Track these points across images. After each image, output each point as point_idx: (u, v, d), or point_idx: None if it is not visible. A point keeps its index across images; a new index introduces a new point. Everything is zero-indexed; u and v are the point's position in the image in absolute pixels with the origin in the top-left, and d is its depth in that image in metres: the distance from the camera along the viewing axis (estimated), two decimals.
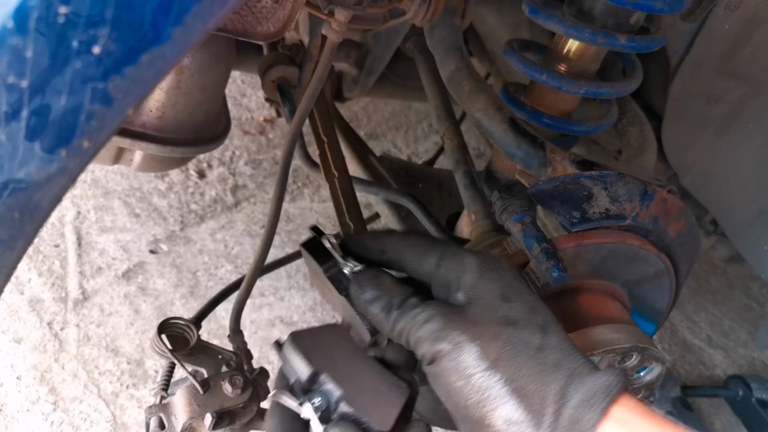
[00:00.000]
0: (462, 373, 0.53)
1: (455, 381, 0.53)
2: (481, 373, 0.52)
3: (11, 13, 0.31)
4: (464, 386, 0.52)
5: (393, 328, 0.57)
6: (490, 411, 0.51)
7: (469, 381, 0.52)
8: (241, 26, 0.73)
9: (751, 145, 1.02)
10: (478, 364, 0.52)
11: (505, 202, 0.75)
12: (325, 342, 0.61)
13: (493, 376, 0.52)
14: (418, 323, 0.55)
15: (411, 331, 0.56)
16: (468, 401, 0.52)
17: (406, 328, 0.56)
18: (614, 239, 0.74)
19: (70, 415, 1.37)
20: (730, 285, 2.08)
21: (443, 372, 0.54)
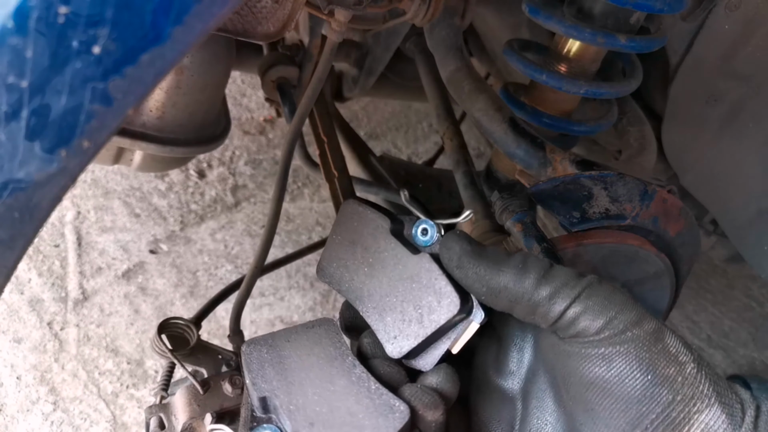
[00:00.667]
0: (674, 359, 0.43)
1: (665, 366, 0.43)
2: (694, 364, 0.43)
3: (11, 13, 0.31)
4: (676, 375, 0.43)
5: (537, 292, 0.46)
6: (696, 412, 0.42)
7: (682, 369, 0.43)
8: (241, 26, 0.73)
9: (751, 145, 1.02)
10: (686, 353, 0.44)
11: (505, 202, 0.75)
12: (295, 352, 0.50)
13: (701, 370, 0.43)
14: (584, 284, 0.45)
15: (577, 292, 0.45)
16: (676, 397, 0.42)
17: (564, 290, 0.45)
18: (614, 239, 0.74)
19: (70, 415, 1.37)
20: (730, 285, 2.08)
21: (643, 352, 0.43)
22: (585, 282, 0.46)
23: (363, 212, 0.54)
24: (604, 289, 0.46)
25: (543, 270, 0.47)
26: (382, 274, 0.52)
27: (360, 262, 0.53)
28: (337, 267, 0.55)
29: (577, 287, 0.45)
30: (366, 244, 0.53)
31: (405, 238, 0.53)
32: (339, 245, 0.55)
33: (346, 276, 0.54)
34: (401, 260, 0.51)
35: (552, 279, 0.46)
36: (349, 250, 0.54)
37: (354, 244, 0.54)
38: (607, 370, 0.44)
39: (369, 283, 0.53)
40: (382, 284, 0.52)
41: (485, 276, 0.47)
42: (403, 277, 0.51)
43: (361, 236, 0.53)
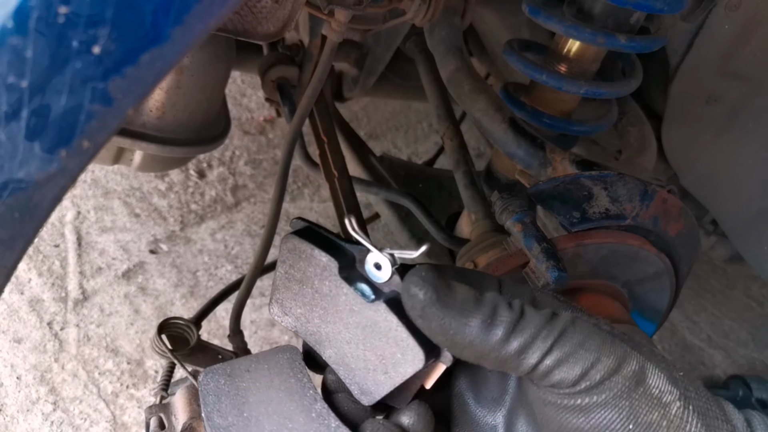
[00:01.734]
0: (657, 402, 0.41)
1: (647, 413, 0.40)
2: (679, 403, 0.41)
3: (11, 13, 0.31)
4: (660, 419, 0.40)
5: (504, 348, 0.41)
6: None
7: (667, 412, 0.41)
8: (241, 26, 0.73)
9: (751, 145, 1.02)
10: (671, 390, 0.41)
11: (505, 202, 0.75)
12: (254, 384, 0.48)
13: (688, 406, 0.41)
14: (558, 332, 0.41)
15: (549, 345, 0.41)
16: None
17: (535, 343, 0.41)
18: (614, 239, 0.74)
19: (70, 415, 1.37)
20: (730, 285, 2.08)
21: (624, 401, 0.40)
22: (558, 329, 0.42)
23: (305, 251, 0.47)
24: (580, 332, 0.42)
25: (512, 322, 0.41)
26: (338, 319, 0.47)
27: (313, 305, 0.49)
28: (291, 307, 0.50)
29: (549, 337, 0.41)
30: (315, 286, 0.48)
31: (358, 272, 0.47)
32: (287, 284, 0.50)
33: (302, 318, 0.50)
34: (355, 308, 0.46)
35: (522, 331, 0.41)
36: (299, 290, 0.49)
37: (303, 284, 0.49)
38: (586, 421, 0.41)
39: (326, 328, 0.48)
40: (339, 330, 0.47)
41: (450, 330, 0.41)
42: (361, 325, 0.46)
43: (308, 278, 0.48)
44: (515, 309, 0.42)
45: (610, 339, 0.42)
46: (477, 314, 0.41)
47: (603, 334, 0.42)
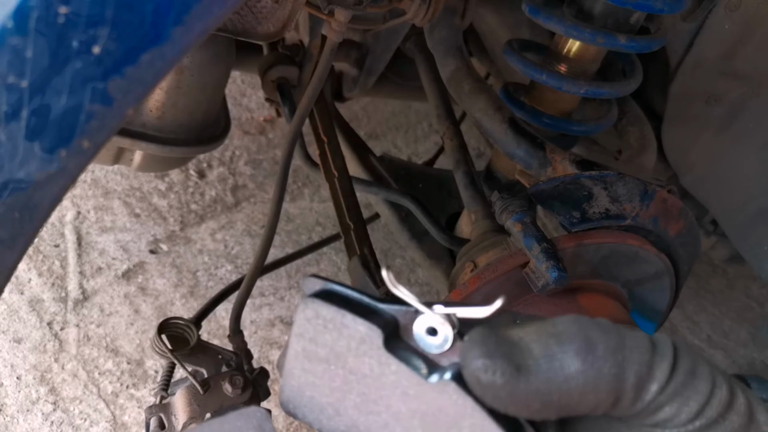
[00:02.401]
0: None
1: None
2: None
3: (11, 13, 0.31)
4: None
5: (621, 379, 0.32)
6: None
7: None
8: (241, 26, 0.73)
9: (751, 145, 1.02)
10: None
11: (505, 202, 0.75)
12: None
13: None
14: (673, 358, 0.33)
15: (667, 375, 0.33)
16: None
17: (655, 372, 0.33)
18: (614, 239, 0.74)
19: (70, 415, 1.37)
20: (730, 285, 2.08)
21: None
22: (671, 354, 0.34)
23: (336, 318, 0.36)
24: (689, 361, 0.34)
25: (617, 345, 0.33)
26: (384, 408, 0.36)
27: (345, 391, 0.37)
28: (312, 396, 0.39)
29: (665, 364, 0.33)
30: (350, 365, 0.37)
31: (405, 342, 0.36)
32: (307, 366, 0.38)
33: (328, 410, 0.38)
34: (411, 390, 0.35)
35: (633, 358, 0.33)
36: (325, 373, 0.38)
37: (330, 364, 0.37)
38: None
39: (366, 421, 0.37)
40: (387, 422, 0.36)
41: (551, 397, 0.32)
42: (420, 412, 0.35)
43: (339, 355, 0.37)
44: (609, 329, 0.33)
45: (717, 371, 0.35)
46: (570, 353, 0.32)
47: (709, 365, 0.35)
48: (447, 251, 1.08)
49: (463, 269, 0.86)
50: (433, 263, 1.07)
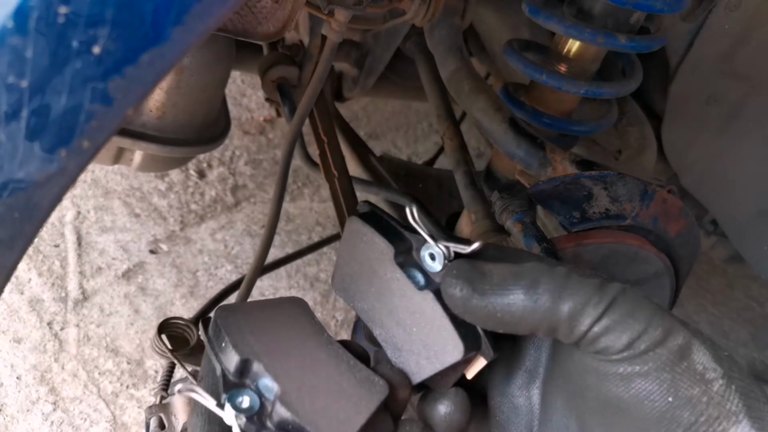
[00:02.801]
0: (700, 378, 0.40)
1: (689, 387, 0.40)
2: (722, 381, 0.40)
3: (11, 13, 0.31)
4: (701, 395, 0.40)
5: (555, 311, 0.41)
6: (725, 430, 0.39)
7: (708, 389, 0.40)
8: (241, 26, 0.73)
9: (751, 145, 1.02)
10: (715, 368, 0.40)
11: (505, 202, 0.75)
12: (271, 322, 0.47)
13: (730, 385, 0.40)
14: (611, 297, 0.41)
15: (601, 310, 0.41)
16: (700, 419, 0.39)
17: (587, 308, 0.41)
18: (614, 239, 0.74)
19: (70, 415, 1.37)
20: (730, 285, 2.08)
21: (665, 374, 0.40)
22: (609, 296, 0.42)
23: (367, 234, 0.49)
24: (630, 302, 0.42)
25: (557, 288, 0.42)
26: (390, 302, 0.49)
27: (368, 285, 0.50)
28: (349, 284, 0.52)
29: (600, 305, 0.41)
30: (372, 268, 0.50)
31: (414, 260, 0.48)
32: (348, 263, 0.52)
33: (357, 295, 0.52)
34: (406, 293, 0.47)
35: (571, 297, 0.41)
36: (358, 269, 0.51)
37: (362, 264, 0.51)
38: (626, 390, 0.41)
39: (378, 308, 0.50)
40: (390, 312, 0.49)
41: (496, 313, 0.43)
42: (410, 310, 0.48)
43: (366, 259, 0.50)
44: (558, 275, 0.42)
45: (660, 312, 0.42)
46: (518, 288, 0.42)
47: (653, 306, 0.42)
48: None
49: None
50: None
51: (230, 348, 0.42)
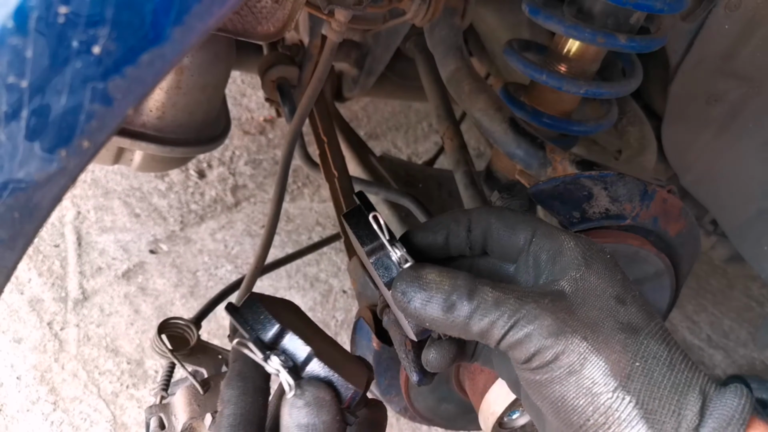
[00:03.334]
0: (586, 391, 0.44)
1: (575, 398, 0.45)
2: (611, 394, 0.44)
3: (11, 13, 0.31)
4: (587, 406, 0.44)
5: (468, 327, 0.47)
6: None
7: (594, 400, 0.44)
8: (241, 26, 0.73)
9: (751, 144, 1.02)
10: (607, 382, 0.44)
11: (505, 202, 0.75)
12: (285, 311, 0.56)
13: (624, 397, 0.44)
14: (514, 320, 0.46)
15: (504, 331, 0.46)
16: (587, 422, 0.45)
17: (494, 328, 0.46)
18: (614, 239, 0.74)
19: (70, 415, 1.37)
20: (730, 285, 2.08)
21: (557, 385, 0.45)
22: (513, 320, 0.46)
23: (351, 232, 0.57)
24: (533, 322, 0.46)
25: (470, 311, 0.47)
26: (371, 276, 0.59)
27: (364, 262, 0.59)
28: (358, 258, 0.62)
29: (505, 327, 0.46)
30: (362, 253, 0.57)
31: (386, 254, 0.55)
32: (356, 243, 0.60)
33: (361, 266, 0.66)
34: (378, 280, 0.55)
35: (478, 321, 0.47)
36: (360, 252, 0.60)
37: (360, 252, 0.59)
38: (532, 392, 0.48)
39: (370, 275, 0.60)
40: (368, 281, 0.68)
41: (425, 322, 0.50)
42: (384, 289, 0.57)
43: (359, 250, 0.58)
44: (476, 295, 0.47)
45: (565, 332, 0.45)
46: (437, 307, 0.48)
47: (558, 325, 0.45)
48: None
49: None
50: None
51: (270, 319, 0.51)
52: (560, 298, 0.47)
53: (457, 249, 0.54)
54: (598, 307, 0.47)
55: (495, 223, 0.53)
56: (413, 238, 0.54)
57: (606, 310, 0.47)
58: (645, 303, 0.49)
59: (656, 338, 0.46)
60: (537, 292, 0.48)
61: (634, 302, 0.48)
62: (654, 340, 0.46)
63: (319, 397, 0.48)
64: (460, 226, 0.54)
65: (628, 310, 0.47)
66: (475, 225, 0.53)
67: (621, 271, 0.50)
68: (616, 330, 0.46)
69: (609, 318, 0.47)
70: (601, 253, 0.50)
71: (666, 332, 0.47)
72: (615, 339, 0.45)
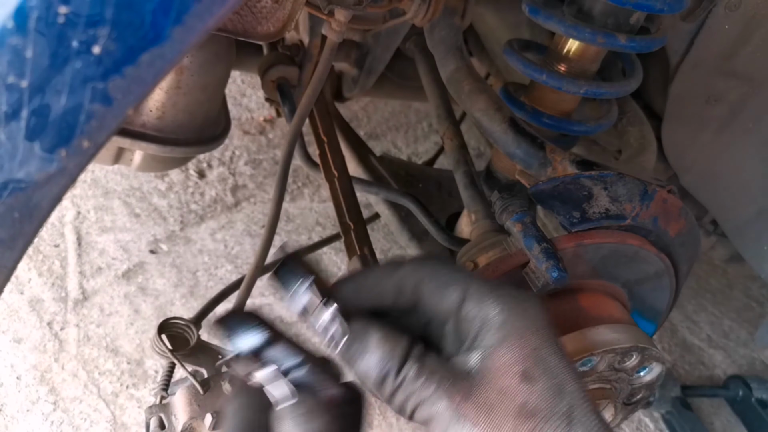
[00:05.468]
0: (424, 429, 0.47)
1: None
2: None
3: (11, 13, 0.31)
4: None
5: (391, 400, 0.49)
6: None
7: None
8: (241, 26, 0.73)
9: (751, 144, 1.02)
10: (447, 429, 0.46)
11: (505, 202, 0.75)
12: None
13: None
14: (416, 402, 0.47)
15: (411, 410, 0.48)
16: None
17: (406, 406, 0.48)
18: (614, 239, 0.74)
19: (70, 415, 1.37)
20: (730, 285, 2.08)
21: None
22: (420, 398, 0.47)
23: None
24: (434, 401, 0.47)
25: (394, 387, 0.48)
26: None
27: None
28: None
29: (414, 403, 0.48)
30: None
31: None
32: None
33: None
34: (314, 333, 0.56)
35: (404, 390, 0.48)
36: None
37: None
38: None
39: None
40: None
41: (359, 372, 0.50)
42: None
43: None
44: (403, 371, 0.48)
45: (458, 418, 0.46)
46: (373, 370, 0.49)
47: (451, 413, 0.46)
48: (447, 251, 1.08)
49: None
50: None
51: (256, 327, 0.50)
52: (465, 378, 0.47)
53: (386, 309, 0.53)
54: (498, 388, 0.46)
55: (427, 284, 0.51)
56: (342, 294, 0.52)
57: (506, 392, 0.46)
58: (559, 373, 0.48)
59: (555, 420, 0.45)
60: (447, 370, 0.48)
61: (543, 376, 0.47)
62: (549, 424, 0.45)
63: (306, 412, 0.48)
64: (390, 288, 0.52)
65: (531, 389, 0.46)
66: (405, 287, 0.52)
67: (542, 336, 0.49)
68: (509, 415, 0.45)
69: (505, 401, 0.46)
70: (525, 319, 0.49)
71: (576, 406, 0.46)
72: (506, 426, 0.45)
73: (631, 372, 0.74)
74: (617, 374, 0.73)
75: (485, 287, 0.50)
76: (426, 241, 1.09)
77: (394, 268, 0.53)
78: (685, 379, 1.78)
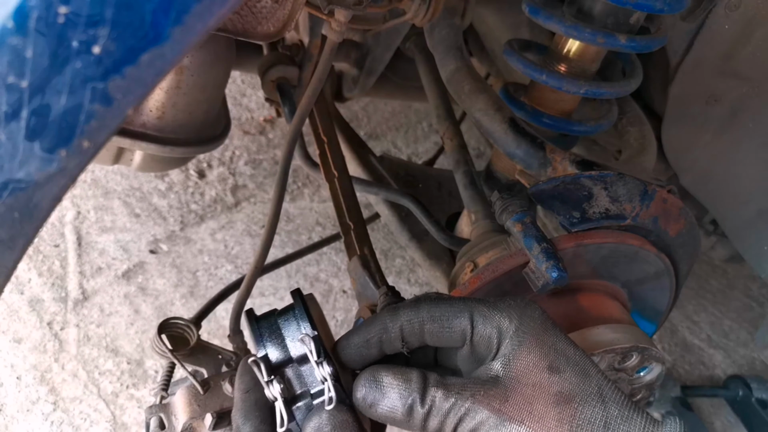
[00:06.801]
0: None
1: None
2: None
3: (11, 13, 0.31)
4: None
5: (425, 427, 0.50)
6: None
7: None
8: (241, 26, 0.73)
9: (751, 144, 1.02)
10: None
11: (505, 202, 0.75)
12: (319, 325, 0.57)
13: None
14: (458, 417, 0.49)
15: (453, 427, 0.49)
16: None
17: (445, 426, 0.49)
18: (614, 239, 0.74)
19: (70, 415, 1.37)
20: (730, 285, 2.08)
21: None
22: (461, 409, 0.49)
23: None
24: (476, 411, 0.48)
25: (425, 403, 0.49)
26: None
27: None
28: None
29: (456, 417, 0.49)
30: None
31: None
32: None
33: None
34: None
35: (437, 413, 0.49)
36: None
37: None
38: None
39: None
40: None
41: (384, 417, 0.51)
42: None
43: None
44: (428, 396, 0.49)
45: (503, 421, 0.48)
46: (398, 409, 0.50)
47: (495, 417, 0.48)
48: (447, 251, 1.08)
49: (463, 269, 0.86)
50: (433, 263, 1.07)
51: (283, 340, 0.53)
52: (495, 385, 0.49)
53: (393, 352, 0.55)
54: (531, 384, 0.49)
55: (429, 326, 0.53)
56: (344, 351, 0.54)
57: (539, 386, 0.49)
58: (581, 360, 0.50)
59: (591, 401, 0.48)
60: (475, 383, 0.50)
61: (568, 365, 0.50)
62: (589, 405, 0.48)
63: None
64: (393, 338, 0.53)
65: (562, 378, 0.49)
66: (408, 333, 0.53)
67: (554, 333, 0.51)
68: (549, 405, 0.48)
69: (542, 394, 0.48)
70: (535, 321, 0.52)
71: (604, 385, 0.49)
72: (550, 415, 0.47)
73: (631, 372, 0.74)
74: (617, 374, 0.73)
75: (487, 307, 0.53)
76: (426, 241, 1.09)
77: (392, 319, 0.53)
78: (685, 379, 1.78)
